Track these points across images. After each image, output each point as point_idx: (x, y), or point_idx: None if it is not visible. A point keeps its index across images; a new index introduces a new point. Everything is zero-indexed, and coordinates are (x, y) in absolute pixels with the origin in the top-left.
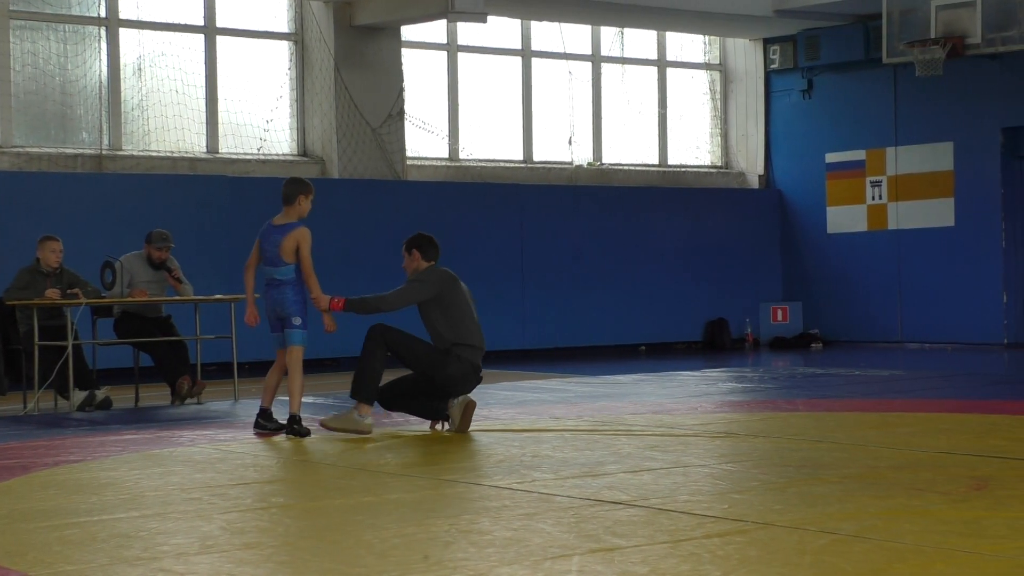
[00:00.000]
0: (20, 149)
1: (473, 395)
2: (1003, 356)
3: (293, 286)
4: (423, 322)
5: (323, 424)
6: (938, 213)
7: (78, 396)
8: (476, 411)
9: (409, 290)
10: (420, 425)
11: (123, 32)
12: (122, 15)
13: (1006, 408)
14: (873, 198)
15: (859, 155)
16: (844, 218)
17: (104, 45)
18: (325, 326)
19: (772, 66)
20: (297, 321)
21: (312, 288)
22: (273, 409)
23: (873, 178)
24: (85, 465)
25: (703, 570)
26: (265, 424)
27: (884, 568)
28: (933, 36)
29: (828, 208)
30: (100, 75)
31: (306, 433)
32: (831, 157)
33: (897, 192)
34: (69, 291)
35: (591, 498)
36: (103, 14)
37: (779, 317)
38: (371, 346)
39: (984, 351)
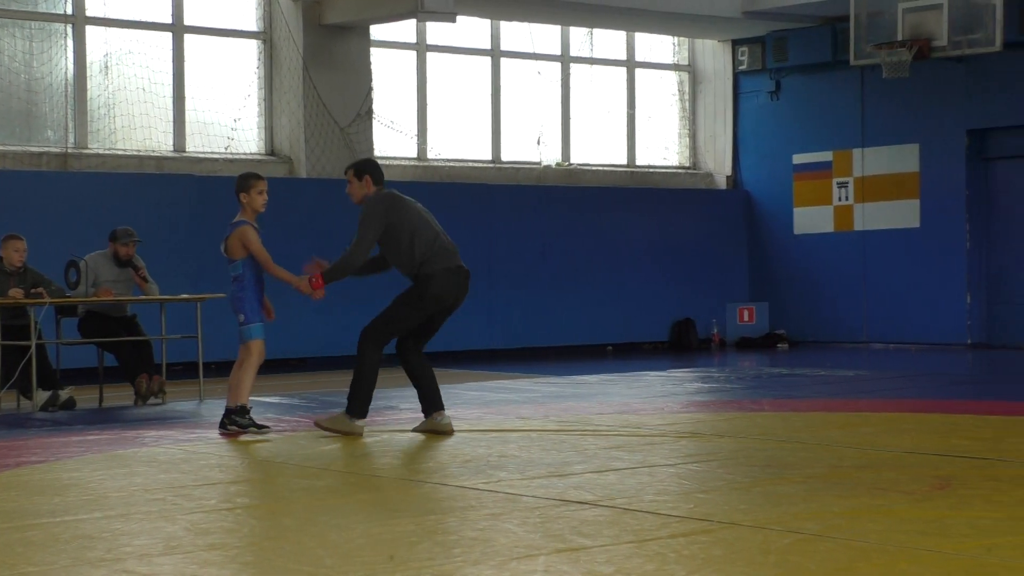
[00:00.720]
0: None
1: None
2: (966, 356)
3: (241, 283)
4: (388, 258)
5: (316, 423)
6: (904, 214)
7: (41, 396)
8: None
9: (364, 234)
10: (387, 426)
11: (90, 29)
12: (89, 12)
13: (969, 408)
14: (840, 199)
15: (826, 156)
16: (811, 219)
17: (71, 42)
18: (314, 297)
19: (740, 67)
20: (241, 318)
21: (283, 278)
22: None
23: (840, 179)
24: (48, 466)
25: (668, 569)
26: (228, 424)
27: (847, 567)
28: (900, 38)
29: (795, 209)
30: (66, 72)
31: (248, 426)
32: (798, 158)
33: (863, 193)
34: (33, 290)
35: (557, 498)
36: (70, 11)
37: (745, 317)
38: (365, 353)
39: (948, 351)
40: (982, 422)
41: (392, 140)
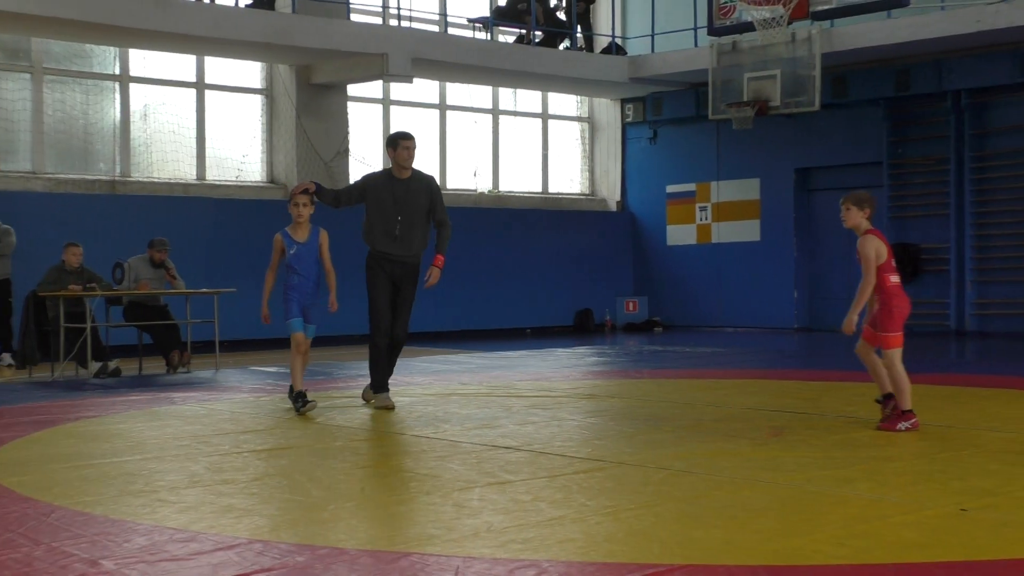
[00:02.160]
0: (51, 175)
1: (398, 368)
2: (793, 337)
3: (284, 283)
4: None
5: (364, 397)
6: (748, 231)
7: (94, 366)
8: (401, 378)
9: (350, 187)
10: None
11: (132, 86)
12: (132, 72)
13: (796, 376)
14: (701, 219)
15: (691, 187)
16: (679, 234)
17: (117, 96)
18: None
19: (627, 119)
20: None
21: (264, 290)
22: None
23: (701, 204)
24: (99, 419)
25: (573, 497)
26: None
27: (705, 494)
28: (745, 100)
29: (668, 226)
30: (114, 119)
31: (298, 408)
32: (670, 188)
33: (718, 215)
34: (88, 285)
35: (488, 444)
36: (117, 71)
37: (631, 308)
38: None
39: (780, 333)
40: (805, 386)
41: (364, 172)
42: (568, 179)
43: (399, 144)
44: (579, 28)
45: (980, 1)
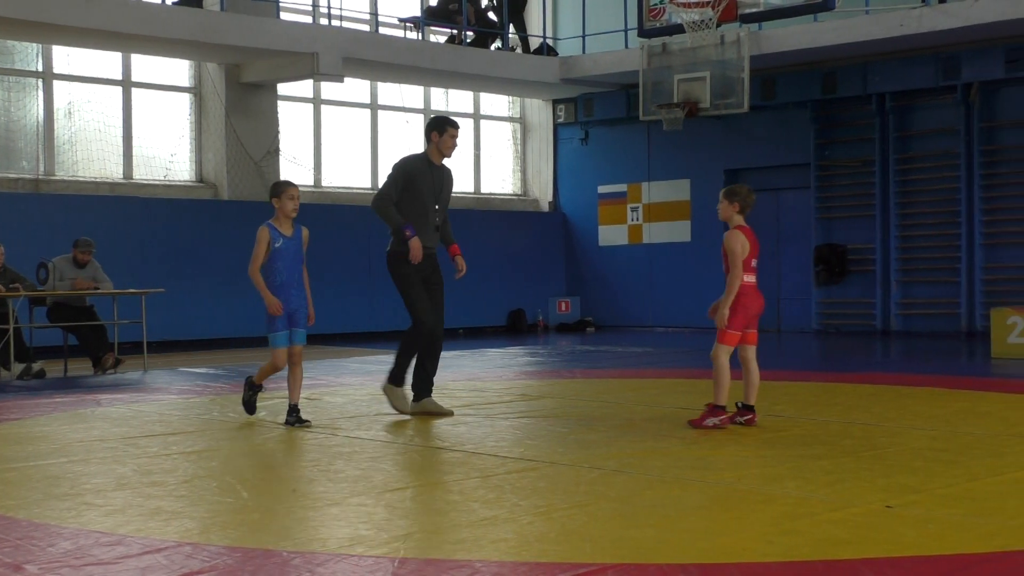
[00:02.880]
0: None
1: (327, 370)
2: None
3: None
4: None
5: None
6: (679, 231)
7: (17, 368)
8: (333, 379)
9: (385, 185)
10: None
11: (56, 83)
12: (55, 69)
13: None
14: (632, 220)
15: (622, 187)
16: (611, 234)
17: (41, 93)
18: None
19: (559, 120)
20: (266, 327)
21: (258, 285)
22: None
23: (632, 205)
24: (22, 422)
25: (505, 497)
26: (288, 419)
27: (637, 493)
28: (676, 101)
29: (599, 227)
30: (38, 116)
31: (292, 423)
32: (602, 188)
33: (649, 215)
34: (11, 285)
35: (421, 445)
36: (40, 68)
37: (563, 308)
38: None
39: (710, 334)
40: (735, 386)
41: (294, 171)
42: (500, 179)
43: (447, 131)
44: (512, 28)
45: (903, 6)
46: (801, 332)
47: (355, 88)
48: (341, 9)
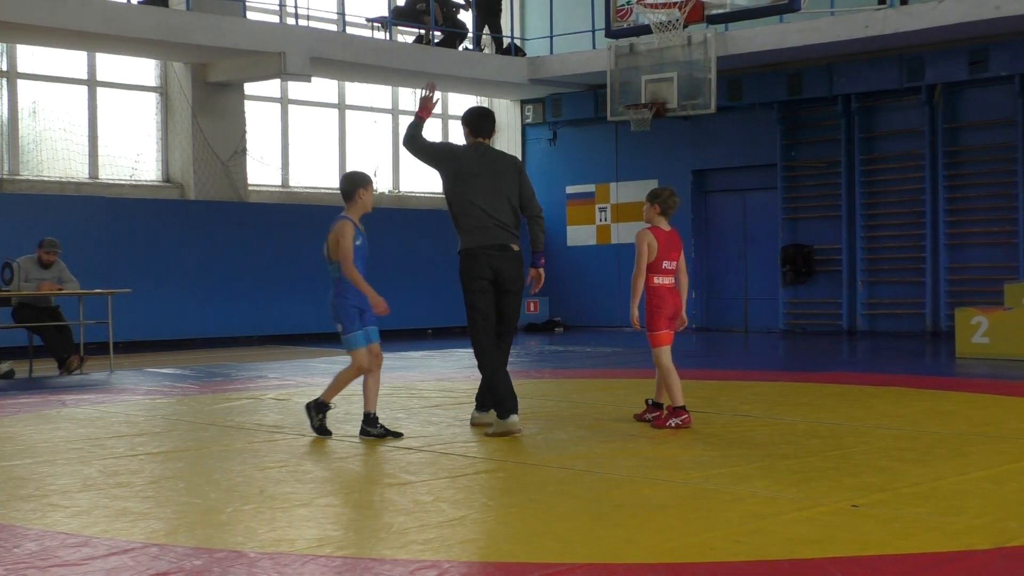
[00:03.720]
0: None
1: (297, 370)
2: (692, 337)
3: (339, 286)
4: None
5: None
6: None
7: None
8: (301, 379)
9: (425, 146)
10: (261, 392)
11: (21, 82)
12: (20, 68)
13: (693, 375)
14: (600, 220)
15: (590, 188)
16: (580, 235)
17: (5, 92)
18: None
19: (527, 120)
20: (339, 328)
21: (359, 285)
22: (377, 413)
23: (600, 205)
24: None
25: (474, 497)
26: (368, 430)
27: (606, 493)
28: (643, 102)
29: (568, 227)
30: (2, 116)
31: (380, 435)
32: (570, 189)
33: (618, 216)
34: None
35: (390, 446)
36: (4, 67)
37: (532, 308)
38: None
39: (679, 333)
40: (702, 385)
41: (262, 171)
42: None
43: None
44: (488, 29)
45: (868, 7)
46: (768, 332)
47: (322, 88)
48: (308, 9)
